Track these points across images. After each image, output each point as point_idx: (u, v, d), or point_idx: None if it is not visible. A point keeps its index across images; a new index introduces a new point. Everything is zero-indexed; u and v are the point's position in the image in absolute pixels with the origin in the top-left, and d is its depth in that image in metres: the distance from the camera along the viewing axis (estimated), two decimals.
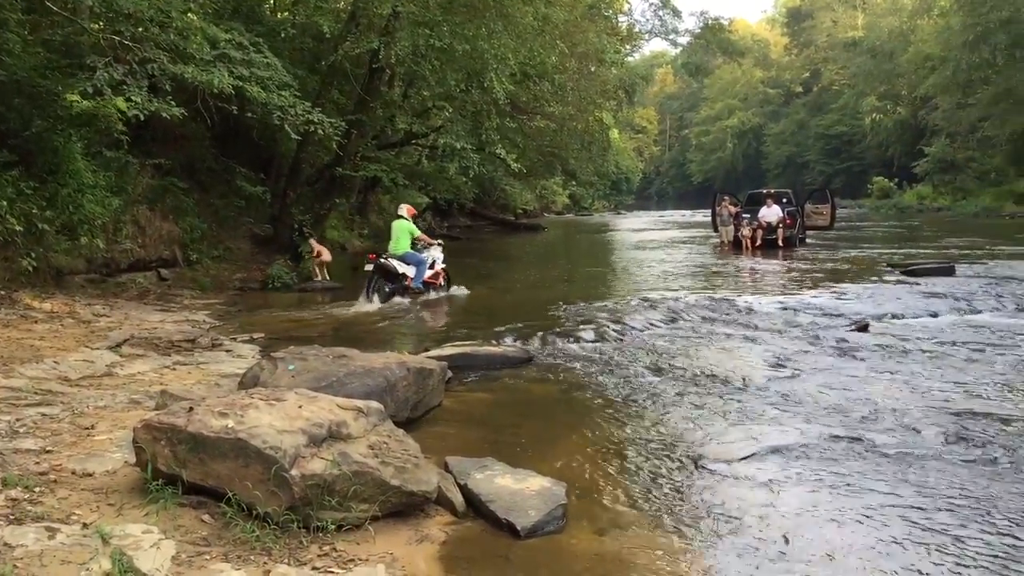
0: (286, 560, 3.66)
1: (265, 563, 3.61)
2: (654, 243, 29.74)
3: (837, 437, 5.72)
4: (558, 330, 10.11)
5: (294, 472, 3.89)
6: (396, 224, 13.83)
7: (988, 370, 7.83)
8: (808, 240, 25.49)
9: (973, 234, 27.89)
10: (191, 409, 4.25)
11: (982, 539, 4.08)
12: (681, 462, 5.34)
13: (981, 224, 35.99)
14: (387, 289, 13.05)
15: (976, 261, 17.66)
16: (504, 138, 20.07)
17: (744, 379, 7.58)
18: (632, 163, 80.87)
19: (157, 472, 4.11)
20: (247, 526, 3.82)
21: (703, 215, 40.31)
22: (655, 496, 4.78)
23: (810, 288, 14.04)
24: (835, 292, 13.32)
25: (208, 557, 3.62)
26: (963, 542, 4.04)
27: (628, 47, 40.71)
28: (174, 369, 7.71)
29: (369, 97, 17.09)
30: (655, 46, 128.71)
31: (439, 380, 6.41)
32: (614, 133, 49.78)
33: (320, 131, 13.67)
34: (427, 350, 8.37)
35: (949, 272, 15.36)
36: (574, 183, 53.32)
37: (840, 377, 7.65)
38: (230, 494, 3.91)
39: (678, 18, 40.77)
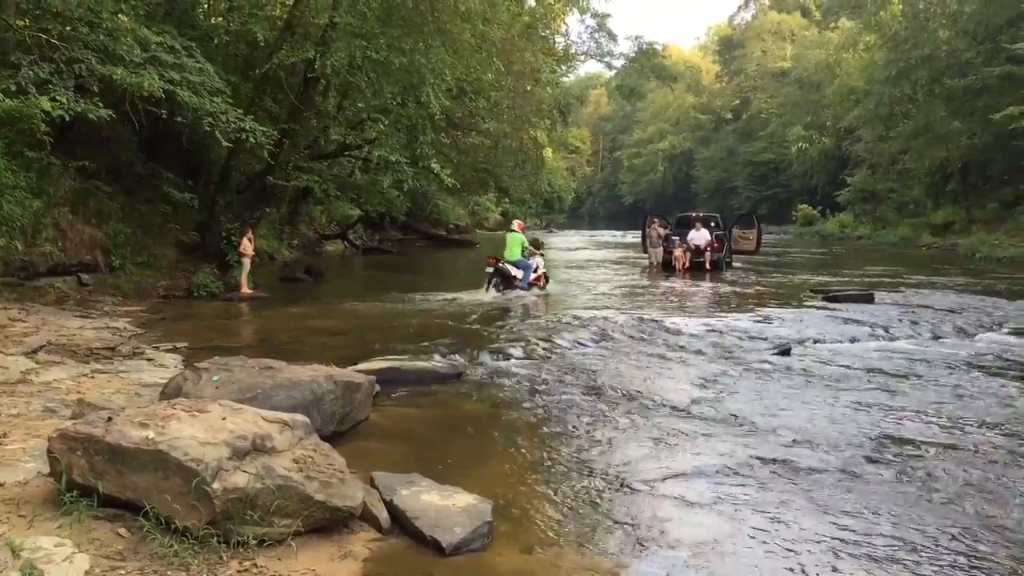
0: None
1: None
2: (585, 262, 29.97)
3: (759, 458, 5.85)
4: (488, 346, 10.13)
5: (216, 485, 3.81)
6: (510, 236, 17.47)
7: (903, 395, 8.09)
8: (735, 264, 25.99)
9: (891, 263, 28.79)
10: (110, 419, 4.14)
11: (892, 555, 4.20)
12: (607, 481, 5.39)
13: (899, 253, 37.17)
14: (501, 287, 16.53)
15: (894, 289, 18.23)
16: (439, 153, 20.05)
17: (670, 400, 7.69)
18: (565, 182, 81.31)
19: (72, 483, 3.99)
20: (165, 540, 3.73)
21: (633, 236, 40.77)
22: (581, 515, 4.81)
23: (735, 311, 14.32)
24: (759, 316, 13.61)
25: (123, 572, 3.53)
26: (877, 559, 4.16)
27: (564, 67, 41.08)
28: (92, 377, 7.50)
29: (303, 107, 16.90)
30: (590, 68, 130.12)
31: (367, 394, 6.37)
32: (548, 152, 50.07)
33: (252, 139, 13.49)
34: (355, 364, 8.29)
35: (868, 299, 15.82)
36: (507, 200, 53.43)
37: (763, 400, 7.82)
38: (148, 507, 3.82)
39: (613, 41, 41.30)
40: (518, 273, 16.79)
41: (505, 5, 20.68)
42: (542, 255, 18.39)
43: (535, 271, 17.34)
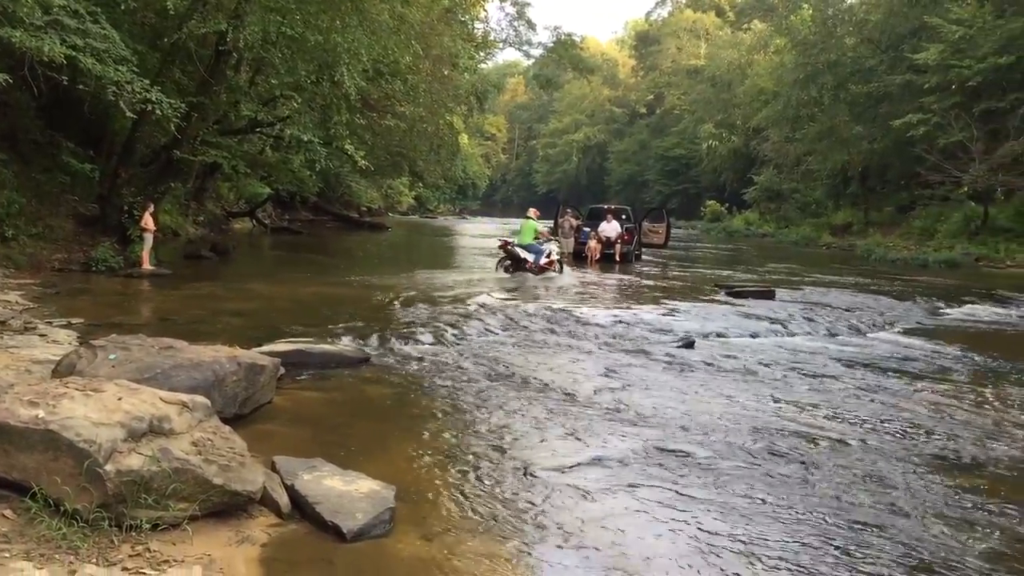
0: (94, 560, 3.48)
1: (71, 563, 3.43)
2: (497, 251, 30.01)
3: (659, 448, 5.97)
4: (397, 331, 10.07)
5: (109, 467, 3.71)
6: (524, 222, 19.48)
7: (799, 390, 8.36)
8: (644, 257, 26.41)
9: (793, 261, 29.71)
10: None
11: (782, 545, 4.35)
12: (511, 469, 5.43)
13: (800, 252, 38.39)
14: (511, 269, 18.34)
15: (794, 287, 18.79)
16: (353, 134, 19.81)
17: (576, 389, 7.78)
18: (479, 169, 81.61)
19: None
20: (53, 523, 3.62)
21: (545, 225, 41.10)
22: (484, 502, 4.83)
23: (643, 303, 14.55)
24: (666, 308, 13.85)
25: (7, 555, 3.40)
26: (767, 549, 4.30)
27: (482, 54, 41.11)
28: None
29: (213, 80, 16.43)
30: (509, 55, 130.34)
31: (271, 377, 6.26)
32: (463, 138, 50.14)
33: (158, 111, 13.05)
34: (260, 345, 8.14)
35: (770, 296, 16.27)
36: (421, 184, 53.33)
37: (666, 391, 7.98)
38: (36, 488, 3.70)
39: (532, 30, 41.64)
40: (529, 256, 18.32)
41: None
42: (556, 240, 20.17)
43: (547, 256, 18.70)
